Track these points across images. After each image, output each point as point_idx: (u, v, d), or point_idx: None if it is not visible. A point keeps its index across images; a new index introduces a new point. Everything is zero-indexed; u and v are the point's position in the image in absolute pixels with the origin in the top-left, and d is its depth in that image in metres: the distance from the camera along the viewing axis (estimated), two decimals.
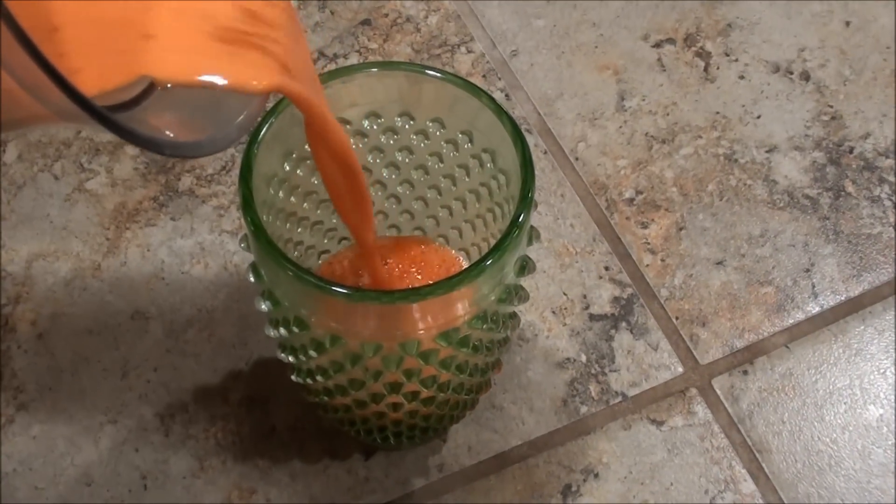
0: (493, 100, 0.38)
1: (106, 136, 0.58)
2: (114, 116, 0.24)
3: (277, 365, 0.48)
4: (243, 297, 0.53)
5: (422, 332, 0.35)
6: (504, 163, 0.39)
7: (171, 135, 0.28)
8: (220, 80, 0.29)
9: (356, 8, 0.64)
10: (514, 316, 0.40)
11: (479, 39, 0.63)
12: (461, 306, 0.35)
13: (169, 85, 0.29)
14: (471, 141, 0.40)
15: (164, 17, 0.29)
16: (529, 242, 0.38)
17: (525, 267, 0.38)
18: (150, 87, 0.28)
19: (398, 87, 0.39)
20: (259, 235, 0.35)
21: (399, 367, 0.36)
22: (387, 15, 0.64)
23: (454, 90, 0.38)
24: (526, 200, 0.35)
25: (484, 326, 0.36)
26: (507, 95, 0.60)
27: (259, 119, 0.33)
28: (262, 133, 0.36)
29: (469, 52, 0.62)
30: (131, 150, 0.58)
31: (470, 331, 0.36)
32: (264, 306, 0.37)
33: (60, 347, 0.52)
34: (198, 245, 0.55)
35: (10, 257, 0.54)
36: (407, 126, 0.41)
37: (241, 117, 0.31)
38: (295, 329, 0.36)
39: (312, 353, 0.37)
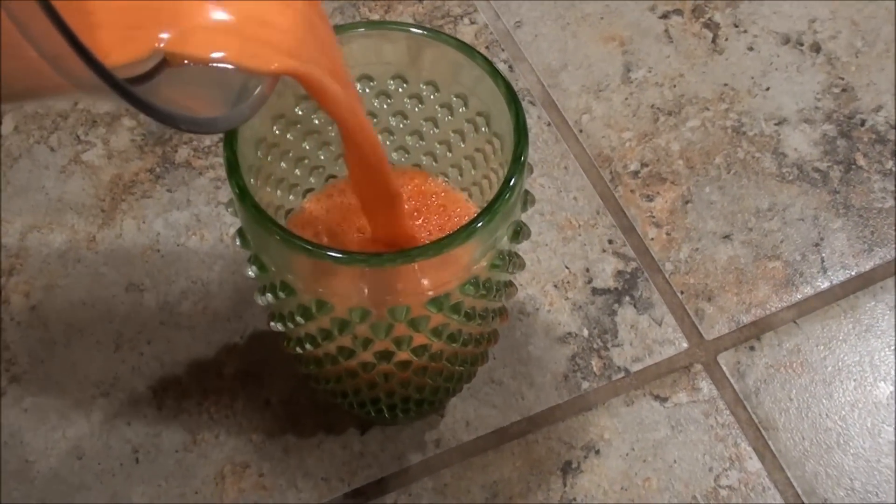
0: (488, 61, 0.36)
1: (103, 108, 0.57)
2: (135, 90, 0.23)
3: (272, 338, 0.48)
4: (239, 270, 0.52)
5: (411, 297, 0.34)
6: (498, 126, 0.38)
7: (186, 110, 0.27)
8: (231, 60, 0.29)
9: None
10: (509, 285, 0.39)
11: (483, 10, 0.62)
12: (452, 271, 0.34)
13: (184, 62, 0.28)
14: (465, 105, 0.39)
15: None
16: (524, 208, 0.37)
17: (519, 233, 0.36)
18: (162, 63, 0.28)
19: (390, 49, 0.38)
20: (244, 198, 0.34)
21: (388, 335, 0.35)
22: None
23: (449, 51, 0.37)
24: (518, 163, 0.34)
25: (476, 293, 0.35)
26: (510, 67, 0.59)
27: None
28: None
29: (472, 23, 0.61)
30: (128, 121, 0.57)
31: (462, 297, 0.35)
32: (251, 272, 0.36)
33: (53, 319, 0.51)
34: (194, 217, 0.54)
35: (4, 230, 0.53)
36: (400, 90, 0.40)
37: (253, 97, 0.31)
38: (282, 294, 0.35)
39: (300, 319, 0.36)
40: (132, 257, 0.53)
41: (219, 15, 0.29)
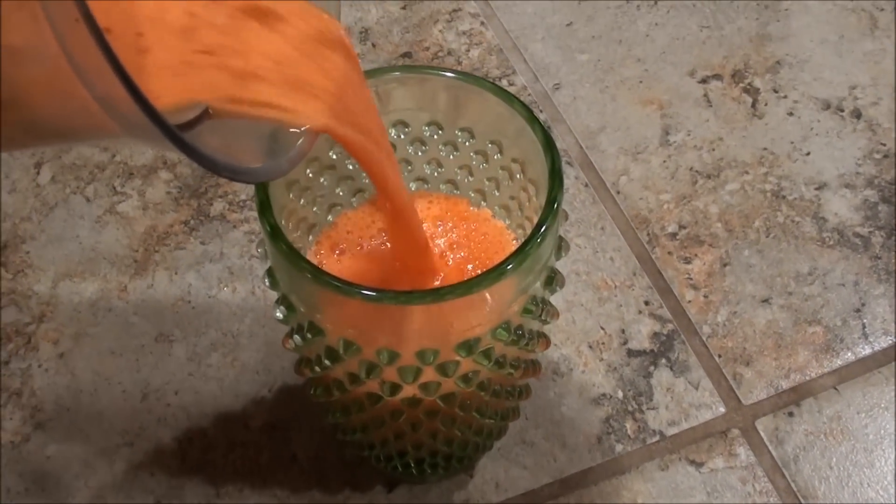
0: (524, 106, 0.36)
1: (140, 160, 0.57)
2: (182, 134, 0.23)
3: (301, 392, 0.47)
4: (269, 322, 0.51)
5: (440, 340, 0.33)
6: (533, 172, 0.37)
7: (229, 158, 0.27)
8: (278, 117, 0.29)
9: (398, 41, 0.63)
10: (542, 335, 0.38)
11: (522, 73, 0.62)
12: (482, 314, 0.33)
13: (230, 114, 0.29)
14: (500, 151, 0.39)
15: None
16: (558, 255, 0.36)
17: (553, 279, 0.36)
18: (205, 112, 0.28)
19: (426, 94, 0.38)
20: (276, 237, 0.33)
21: (416, 380, 0.34)
22: (428, 48, 0.63)
23: (485, 96, 0.37)
24: (552, 206, 0.33)
25: (508, 339, 0.34)
26: (548, 128, 0.59)
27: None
28: None
29: (511, 84, 0.61)
30: (165, 174, 0.57)
31: (492, 343, 0.34)
32: (279, 313, 0.36)
33: (81, 368, 0.50)
34: (226, 269, 0.53)
35: (37, 277, 0.53)
36: (435, 136, 0.40)
37: (293, 151, 0.31)
38: (309, 336, 0.35)
39: (327, 362, 0.35)
40: (163, 308, 0.52)
41: (266, 70, 0.29)
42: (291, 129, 0.31)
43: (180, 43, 0.28)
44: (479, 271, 0.37)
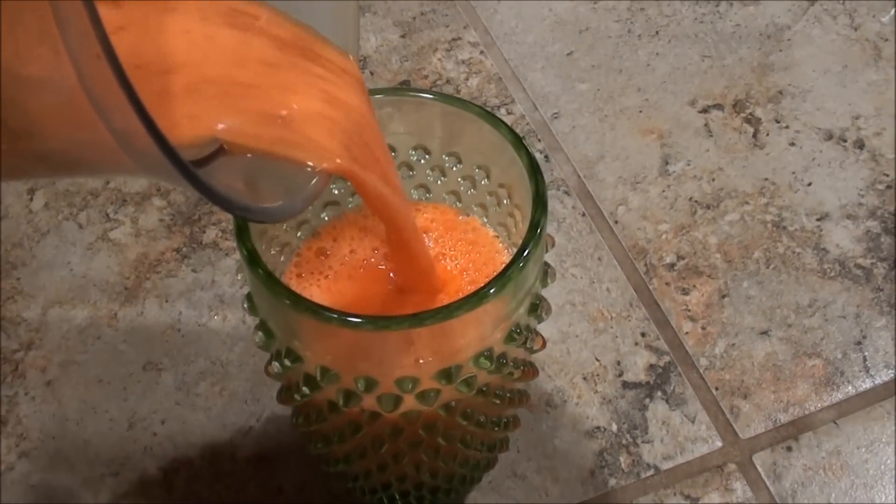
0: (511, 130, 0.35)
1: (134, 187, 0.57)
2: (198, 172, 0.23)
3: (289, 422, 0.46)
4: (259, 352, 0.50)
5: (419, 367, 0.32)
6: (519, 198, 0.36)
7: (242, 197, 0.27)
8: (294, 157, 0.30)
9: (396, 69, 0.63)
10: (528, 364, 0.38)
11: (520, 102, 0.61)
12: (462, 340, 0.32)
13: (246, 153, 0.29)
14: (488, 177, 0.38)
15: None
16: (544, 282, 0.36)
17: (538, 307, 0.35)
18: (220, 149, 0.28)
19: (411, 117, 0.37)
20: (253, 261, 0.32)
21: (396, 409, 0.34)
22: (427, 76, 0.62)
23: (472, 119, 0.36)
24: (534, 232, 0.33)
25: (491, 367, 0.34)
26: (546, 157, 0.58)
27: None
28: None
29: (509, 113, 0.60)
30: (158, 201, 0.56)
31: (475, 371, 0.33)
32: (258, 339, 0.35)
33: (68, 396, 0.50)
34: (217, 297, 0.53)
35: (26, 303, 0.53)
36: (422, 161, 0.39)
37: (307, 190, 0.31)
38: (287, 362, 0.34)
39: (306, 390, 0.34)
40: (152, 336, 0.52)
41: (282, 109, 0.29)
42: (305, 169, 0.31)
43: (202, 78, 0.28)
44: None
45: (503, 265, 0.32)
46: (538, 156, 0.58)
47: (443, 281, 0.38)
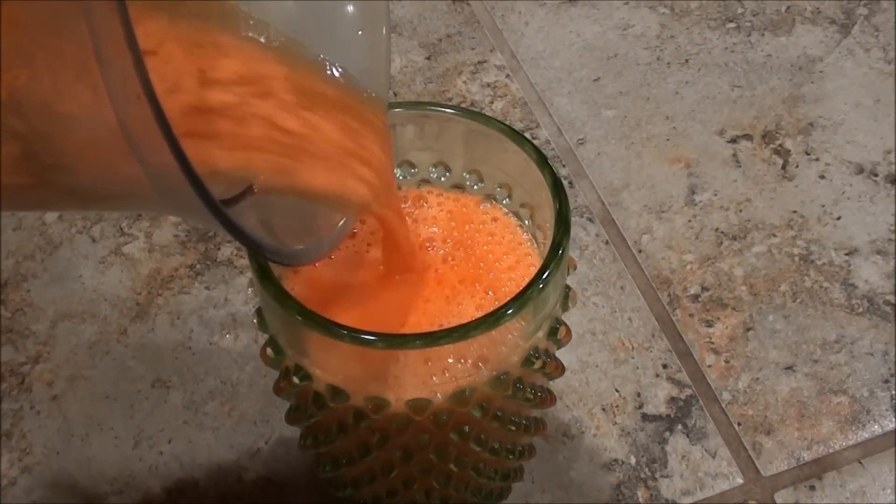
0: (534, 147, 0.34)
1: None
2: (227, 211, 0.23)
3: (298, 445, 0.45)
4: (270, 372, 0.49)
5: (432, 388, 0.31)
6: (542, 218, 0.35)
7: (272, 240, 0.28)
8: (323, 197, 0.30)
9: (420, 91, 0.62)
10: (545, 391, 0.36)
11: (545, 126, 0.60)
12: (477, 361, 0.31)
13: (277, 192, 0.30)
14: (509, 196, 0.37)
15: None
16: (564, 306, 0.34)
17: (557, 331, 0.34)
18: (250, 188, 0.28)
19: (431, 132, 0.36)
20: (264, 276, 0.31)
21: (406, 430, 0.32)
22: (451, 99, 0.61)
23: (494, 136, 0.35)
24: (555, 253, 0.31)
25: (507, 392, 0.32)
26: (570, 183, 0.57)
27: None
28: None
29: (534, 138, 0.59)
30: (173, 217, 0.56)
31: (490, 393, 0.32)
32: (269, 352, 0.34)
33: (74, 411, 0.48)
34: (230, 316, 0.52)
35: (36, 316, 0.52)
36: (442, 178, 0.38)
37: (335, 233, 0.32)
38: (296, 380, 0.33)
39: (314, 409, 0.33)
40: (162, 353, 0.50)
41: (320, 153, 0.30)
42: (329, 211, 0.32)
43: (239, 115, 0.28)
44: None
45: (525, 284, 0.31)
46: (563, 182, 0.57)
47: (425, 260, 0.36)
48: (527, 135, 0.57)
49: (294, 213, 0.31)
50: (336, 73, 0.32)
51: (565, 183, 0.57)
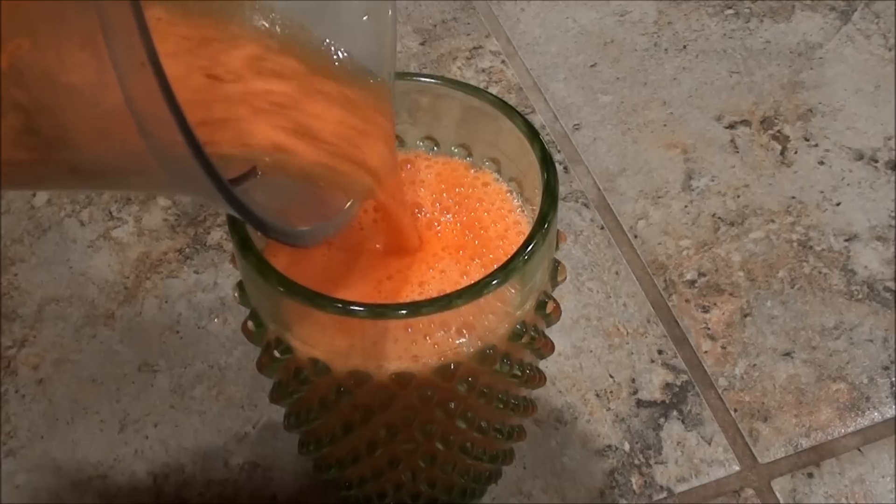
0: (525, 121, 0.34)
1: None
2: (235, 190, 0.22)
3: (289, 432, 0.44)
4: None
5: (416, 360, 0.30)
6: (531, 192, 0.35)
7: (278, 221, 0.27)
8: (323, 182, 0.30)
9: None
10: (535, 370, 0.35)
11: (541, 112, 0.59)
12: (461, 334, 0.30)
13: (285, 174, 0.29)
14: (498, 171, 0.36)
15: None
16: (553, 282, 0.34)
17: (545, 305, 0.33)
18: (254, 169, 0.28)
19: (418, 106, 0.35)
20: (245, 247, 0.31)
21: (390, 406, 0.31)
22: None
23: (483, 109, 0.34)
24: (542, 225, 0.31)
25: (493, 367, 0.32)
26: (565, 168, 0.56)
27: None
28: None
29: None
30: (163, 201, 0.55)
31: (476, 368, 0.31)
32: (251, 326, 0.33)
33: (59, 395, 0.48)
34: (219, 300, 0.51)
35: (23, 299, 0.51)
36: (431, 153, 0.37)
37: (342, 214, 0.32)
38: (277, 354, 0.32)
39: (297, 386, 0.32)
40: (149, 337, 0.50)
41: (328, 137, 0.29)
42: (334, 195, 0.31)
43: (246, 95, 0.28)
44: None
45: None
46: (558, 167, 0.56)
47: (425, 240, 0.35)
48: None
49: (298, 196, 0.31)
50: (342, 58, 0.31)
51: (560, 168, 0.56)
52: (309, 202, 0.31)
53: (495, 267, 0.29)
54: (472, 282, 0.29)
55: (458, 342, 0.30)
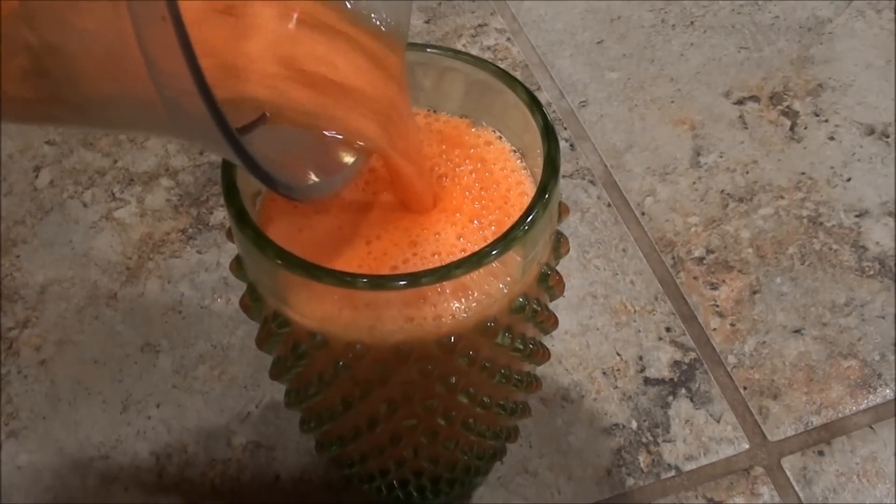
0: (527, 90, 0.33)
1: (142, 166, 0.55)
2: (243, 140, 0.22)
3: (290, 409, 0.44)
4: None
5: (415, 332, 0.30)
6: (534, 164, 0.34)
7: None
8: (337, 129, 0.29)
9: None
10: (538, 345, 0.35)
11: (547, 89, 0.58)
12: (461, 304, 0.30)
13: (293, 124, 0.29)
14: (501, 140, 0.36)
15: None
16: (556, 255, 0.33)
17: (547, 277, 0.32)
18: (262, 118, 0.28)
19: (418, 76, 0.35)
20: (242, 220, 0.30)
21: (389, 381, 0.31)
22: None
23: (483, 77, 0.34)
24: (542, 196, 0.30)
25: (494, 340, 0.31)
26: (571, 145, 0.56)
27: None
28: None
29: None
30: (166, 181, 0.54)
31: (477, 341, 0.31)
32: (248, 301, 0.33)
33: (62, 375, 0.47)
34: (222, 280, 0.50)
35: (25, 280, 0.51)
36: (433, 126, 0.37)
37: (348, 168, 0.31)
38: (275, 328, 0.31)
39: (295, 360, 0.32)
40: (152, 317, 0.49)
41: (336, 87, 0.29)
42: (342, 149, 0.31)
43: (258, 44, 0.27)
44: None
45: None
46: (564, 144, 0.55)
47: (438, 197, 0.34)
48: None
49: (305, 149, 0.30)
50: (355, 2, 0.31)
51: (566, 146, 0.55)
52: (316, 156, 0.31)
53: (493, 229, 0.29)
54: (469, 244, 0.28)
55: (457, 313, 0.30)
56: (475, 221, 0.33)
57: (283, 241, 0.29)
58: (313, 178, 0.30)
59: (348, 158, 0.31)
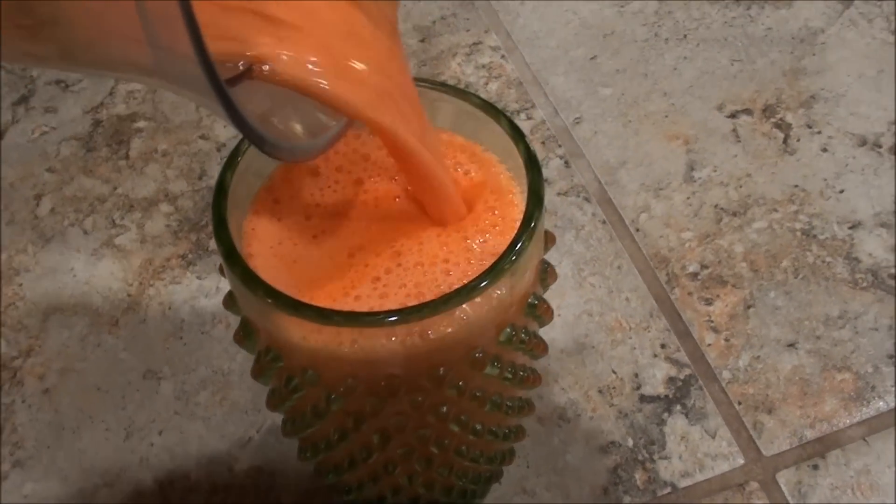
0: (511, 122, 0.33)
1: (142, 192, 0.56)
2: (230, 92, 0.22)
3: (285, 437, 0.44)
4: None
5: (404, 365, 0.30)
6: (521, 176, 0.34)
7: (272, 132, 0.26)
8: (326, 93, 0.28)
9: (414, 74, 0.61)
10: (529, 371, 0.35)
11: (541, 107, 0.59)
12: (450, 337, 0.30)
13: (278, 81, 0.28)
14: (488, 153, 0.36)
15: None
16: (544, 284, 0.34)
17: (535, 307, 0.33)
18: (247, 72, 0.27)
19: None
20: (231, 258, 0.31)
21: (381, 412, 0.31)
22: (445, 81, 0.60)
23: (468, 109, 0.34)
24: (527, 227, 0.30)
25: (483, 371, 0.32)
26: (566, 162, 0.56)
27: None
28: (238, 156, 0.33)
29: (529, 118, 0.58)
30: (165, 207, 0.55)
31: (466, 372, 0.31)
32: (241, 335, 0.33)
33: (65, 404, 0.48)
34: (221, 305, 0.51)
35: (28, 310, 0.51)
36: None
37: (331, 132, 0.31)
38: (269, 362, 0.32)
39: (288, 394, 0.32)
40: (153, 343, 0.50)
41: (318, 48, 0.28)
42: (326, 112, 0.30)
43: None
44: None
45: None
46: (558, 161, 0.56)
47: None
48: (522, 115, 0.56)
49: (291, 108, 0.30)
50: None
51: (561, 163, 0.56)
52: (302, 115, 0.31)
53: (479, 240, 0.29)
54: (452, 254, 0.29)
55: (446, 347, 0.30)
56: (459, 232, 0.33)
57: (265, 253, 0.30)
58: (299, 136, 0.30)
59: (334, 121, 0.31)
